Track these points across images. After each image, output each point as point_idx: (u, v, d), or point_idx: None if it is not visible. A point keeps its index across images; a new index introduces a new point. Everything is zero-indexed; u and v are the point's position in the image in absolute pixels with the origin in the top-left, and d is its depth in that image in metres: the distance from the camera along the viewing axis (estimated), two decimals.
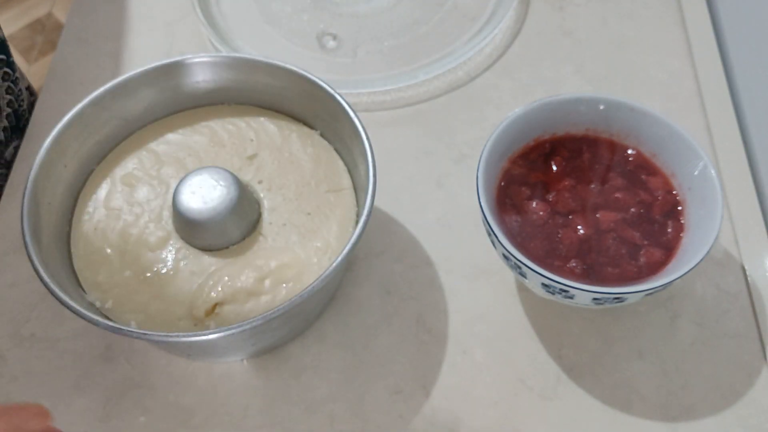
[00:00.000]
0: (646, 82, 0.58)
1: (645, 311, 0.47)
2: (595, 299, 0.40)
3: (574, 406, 0.44)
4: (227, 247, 0.44)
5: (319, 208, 0.45)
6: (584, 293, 0.39)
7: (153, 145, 0.48)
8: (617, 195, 0.44)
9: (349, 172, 0.48)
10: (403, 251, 0.50)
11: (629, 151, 0.46)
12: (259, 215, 0.45)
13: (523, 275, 0.41)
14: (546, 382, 0.44)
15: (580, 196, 0.44)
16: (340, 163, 0.48)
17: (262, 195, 0.46)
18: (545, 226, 0.43)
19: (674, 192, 0.44)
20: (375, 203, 0.41)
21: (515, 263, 0.41)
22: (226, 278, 0.42)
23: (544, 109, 0.45)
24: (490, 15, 0.62)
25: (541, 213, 0.44)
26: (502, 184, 0.45)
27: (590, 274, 0.41)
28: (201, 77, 0.48)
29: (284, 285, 0.43)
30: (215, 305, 0.42)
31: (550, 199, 0.44)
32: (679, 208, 0.44)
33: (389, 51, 0.61)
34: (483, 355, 0.46)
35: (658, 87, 0.57)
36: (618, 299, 0.40)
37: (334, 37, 0.62)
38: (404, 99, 0.58)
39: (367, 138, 0.43)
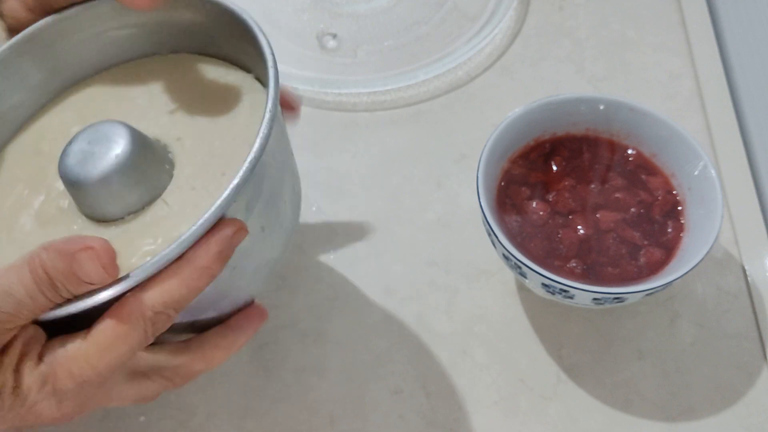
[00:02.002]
0: (646, 82, 0.58)
1: (645, 311, 0.47)
2: (595, 299, 0.40)
3: (574, 406, 0.44)
4: (123, 217, 0.36)
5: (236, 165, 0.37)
6: (584, 293, 0.39)
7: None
8: (617, 195, 0.44)
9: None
10: (403, 251, 0.50)
11: (629, 151, 0.46)
12: (170, 177, 0.38)
13: (523, 275, 0.41)
14: (546, 382, 0.44)
15: (580, 196, 0.44)
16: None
17: (176, 153, 0.38)
18: (545, 226, 0.43)
19: (674, 192, 0.44)
20: (375, 203, 0.40)
21: (515, 263, 0.41)
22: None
23: (544, 109, 0.45)
24: (490, 15, 0.62)
25: (541, 213, 0.44)
26: (502, 184, 0.45)
27: (590, 274, 0.41)
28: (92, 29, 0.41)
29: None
30: None
31: (550, 199, 0.44)
32: (679, 208, 0.44)
33: (389, 51, 0.61)
34: (483, 355, 0.46)
35: (658, 87, 0.57)
36: (618, 299, 0.40)
37: (334, 37, 0.62)
38: (404, 99, 0.58)
39: (264, 37, 0.36)
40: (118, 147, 0.34)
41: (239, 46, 0.40)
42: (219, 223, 0.31)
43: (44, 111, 0.43)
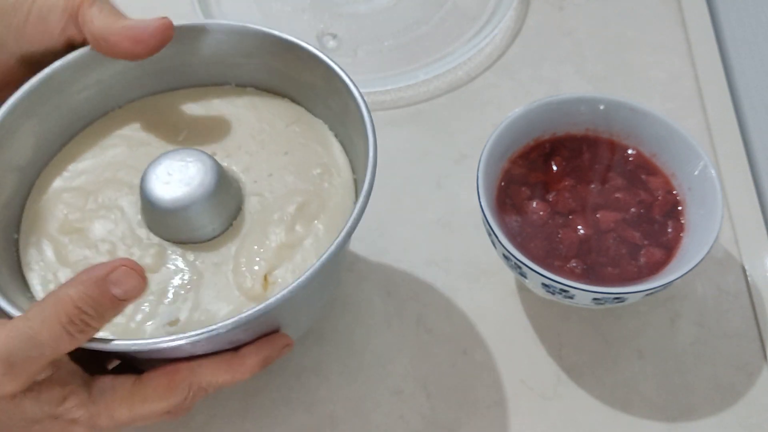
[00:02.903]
0: (646, 82, 0.58)
1: (645, 311, 0.47)
2: (595, 299, 0.40)
3: (574, 406, 0.44)
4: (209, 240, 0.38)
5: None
6: (584, 293, 0.39)
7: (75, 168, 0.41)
8: (617, 195, 0.44)
9: (346, 152, 0.42)
10: (403, 251, 0.50)
11: (629, 151, 0.46)
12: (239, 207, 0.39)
13: (524, 275, 0.41)
14: (546, 382, 0.44)
15: (580, 196, 0.44)
16: (334, 141, 0.42)
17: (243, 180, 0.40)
18: (545, 226, 0.43)
19: (674, 192, 0.44)
20: (375, 203, 0.40)
21: (515, 263, 0.41)
22: (255, 247, 0.37)
23: (544, 109, 0.45)
24: (490, 15, 0.62)
25: (541, 213, 0.44)
26: (502, 184, 0.45)
27: (590, 274, 0.41)
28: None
29: (315, 222, 0.38)
30: (265, 276, 0.37)
31: (550, 199, 0.44)
32: (679, 208, 0.44)
33: (389, 51, 0.61)
34: (483, 355, 0.46)
35: (658, 87, 0.57)
36: (618, 299, 0.40)
37: (334, 37, 0.62)
38: (404, 99, 0.58)
39: (366, 107, 0.39)
40: (205, 169, 0.37)
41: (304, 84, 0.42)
42: (275, 336, 0.36)
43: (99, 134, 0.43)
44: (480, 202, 0.42)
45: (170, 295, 0.36)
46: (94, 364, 0.35)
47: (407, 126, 0.57)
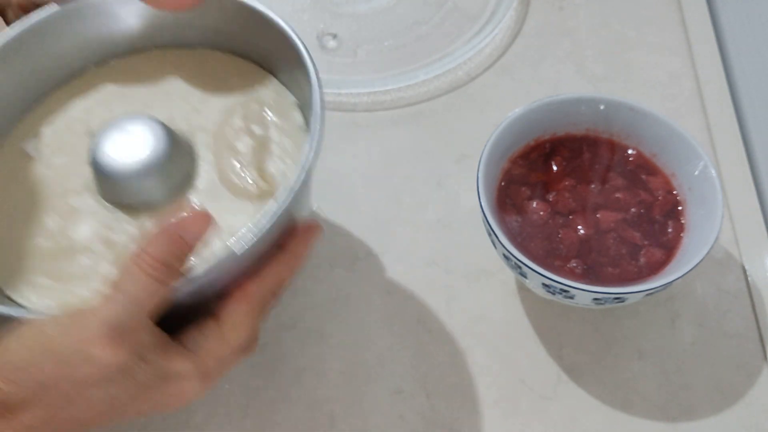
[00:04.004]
0: (646, 82, 0.58)
1: (645, 311, 0.47)
2: (595, 299, 0.40)
3: (574, 406, 0.44)
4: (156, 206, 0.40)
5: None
6: (584, 293, 0.39)
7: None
8: (617, 195, 0.44)
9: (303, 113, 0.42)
10: (403, 251, 0.50)
11: (629, 151, 0.46)
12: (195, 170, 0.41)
13: (524, 275, 0.41)
14: (546, 382, 0.44)
15: (580, 196, 0.44)
16: (292, 98, 0.43)
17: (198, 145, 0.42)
18: (545, 226, 0.43)
19: (674, 192, 0.44)
20: (375, 203, 0.40)
21: (515, 263, 0.41)
22: (233, 161, 0.40)
23: (544, 109, 0.45)
24: (490, 15, 0.62)
25: (541, 213, 0.44)
26: (503, 184, 0.45)
27: (590, 274, 0.41)
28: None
29: (268, 118, 0.41)
30: (260, 176, 0.40)
31: (551, 199, 0.44)
32: (680, 208, 0.44)
33: (389, 51, 0.61)
34: (483, 355, 0.46)
35: (658, 87, 0.57)
36: (618, 299, 0.40)
37: (334, 37, 0.62)
38: (404, 99, 0.58)
39: (308, 53, 0.39)
40: (155, 143, 0.38)
41: (261, 44, 0.43)
42: (310, 224, 0.38)
43: (65, 93, 0.44)
44: (480, 202, 0.42)
45: None
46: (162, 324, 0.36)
47: (407, 126, 0.57)
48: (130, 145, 0.38)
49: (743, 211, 0.50)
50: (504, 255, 0.42)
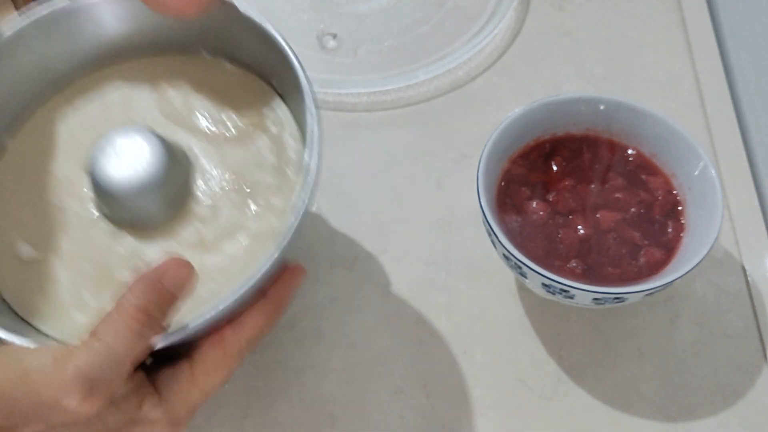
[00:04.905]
0: (646, 82, 0.58)
1: (645, 311, 0.47)
2: (595, 299, 0.40)
3: (574, 406, 0.44)
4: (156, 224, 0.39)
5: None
6: (584, 293, 0.39)
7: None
8: (617, 195, 0.44)
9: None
10: (403, 251, 0.50)
11: (629, 151, 0.46)
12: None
13: (524, 275, 0.41)
14: (546, 382, 0.44)
15: (580, 196, 0.44)
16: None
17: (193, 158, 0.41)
18: (545, 226, 0.43)
19: (674, 192, 0.44)
20: (375, 203, 0.40)
21: (515, 263, 0.41)
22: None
23: (544, 109, 0.45)
24: (490, 15, 0.62)
25: (541, 213, 0.44)
26: (503, 184, 0.45)
27: (590, 274, 0.41)
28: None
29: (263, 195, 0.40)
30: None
31: (551, 199, 0.44)
32: (680, 208, 0.44)
33: (389, 51, 0.61)
34: (483, 355, 0.46)
35: (658, 87, 0.57)
36: (618, 299, 0.40)
37: (334, 37, 0.62)
38: (404, 99, 0.58)
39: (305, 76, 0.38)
40: (153, 160, 0.37)
41: (264, 56, 0.43)
42: (290, 269, 0.37)
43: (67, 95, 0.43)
44: (480, 202, 0.42)
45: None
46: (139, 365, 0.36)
47: (407, 126, 0.57)
48: (127, 165, 0.37)
49: (743, 211, 0.50)
50: (504, 255, 0.42)
